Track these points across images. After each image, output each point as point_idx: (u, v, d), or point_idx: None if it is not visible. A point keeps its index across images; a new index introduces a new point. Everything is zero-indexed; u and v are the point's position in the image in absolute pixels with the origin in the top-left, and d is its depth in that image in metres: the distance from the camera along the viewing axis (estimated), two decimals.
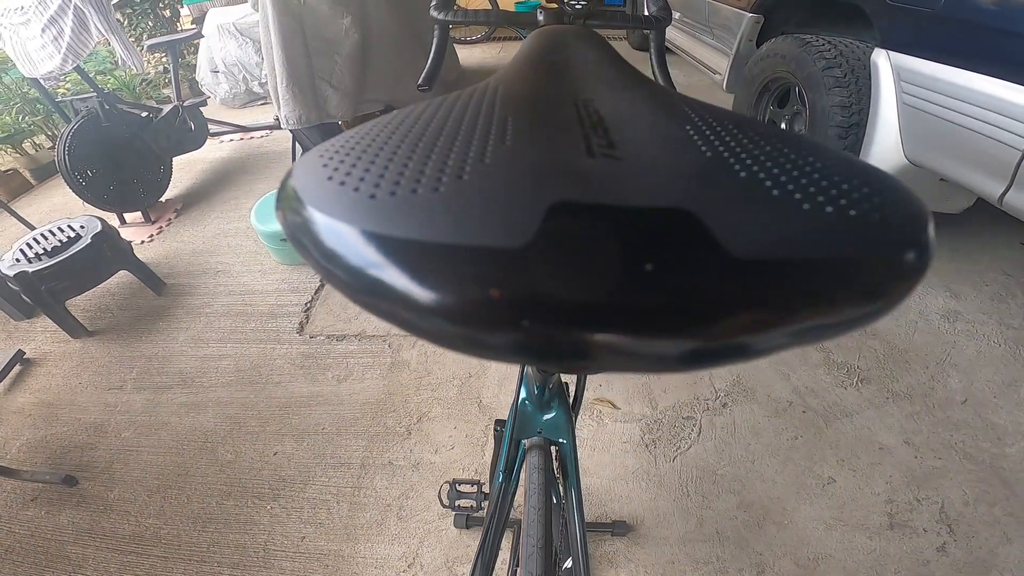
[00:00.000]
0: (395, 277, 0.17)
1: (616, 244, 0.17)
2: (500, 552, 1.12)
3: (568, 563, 0.77)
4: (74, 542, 1.26)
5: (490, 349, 0.17)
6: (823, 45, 1.71)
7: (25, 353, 1.80)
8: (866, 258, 0.18)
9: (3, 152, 3.32)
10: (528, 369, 0.63)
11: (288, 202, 0.21)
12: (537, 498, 0.55)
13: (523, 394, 0.65)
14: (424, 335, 0.18)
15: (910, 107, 1.38)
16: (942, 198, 1.54)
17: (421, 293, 0.17)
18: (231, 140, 3.57)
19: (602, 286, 0.16)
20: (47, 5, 2.15)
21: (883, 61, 1.46)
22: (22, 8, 2.21)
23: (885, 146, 1.45)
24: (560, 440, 0.66)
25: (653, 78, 0.85)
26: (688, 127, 0.25)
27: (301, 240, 0.20)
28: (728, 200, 0.20)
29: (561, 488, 0.73)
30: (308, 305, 1.95)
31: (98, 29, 2.20)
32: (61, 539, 1.27)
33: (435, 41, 0.82)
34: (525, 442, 0.65)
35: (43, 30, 2.18)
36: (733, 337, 0.17)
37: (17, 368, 1.75)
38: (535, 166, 0.22)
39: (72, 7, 2.15)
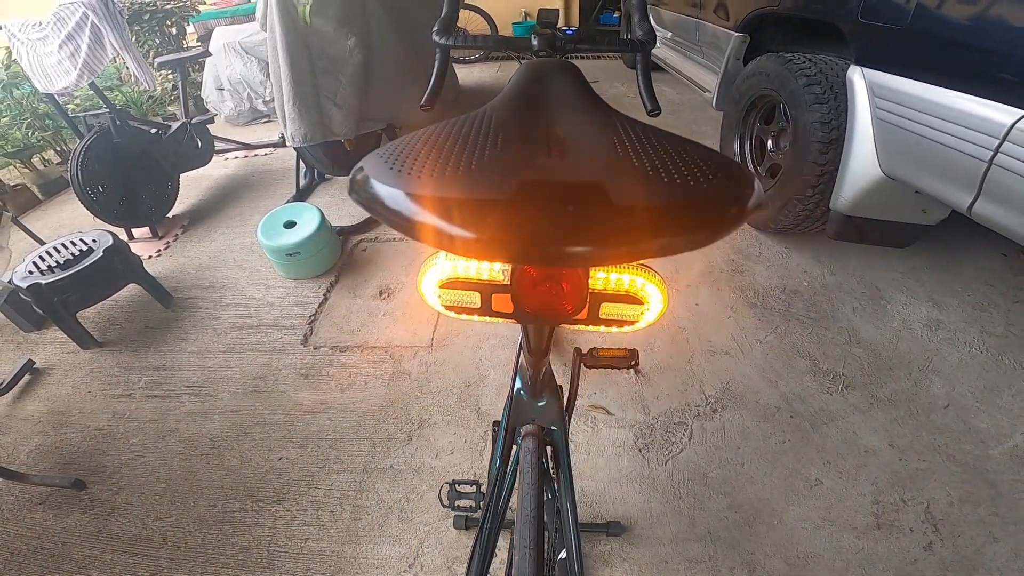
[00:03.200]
0: (433, 219, 0.31)
1: (555, 198, 0.32)
2: (499, 553, 1.16)
3: (563, 554, 0.82)
4: (81, 544, 1.29)
5: (486, 252, 0.31)
6: (804, 63, 1.77)
7: (35, 363, 1.84)
8: (693, 208, 0.32)
9: (12, 167, 3.38)
10: (522, 361, 0.68)
11: (362, 183, 0.35)
12: (531, 475, 0.60)
13: (518, 384, 0.71)
14: (450, 249, 0.31)
15: (884, 122, 1.45)
16: (919, 210, 1.59)
17: (448, 224, 0.31)
18: (235, 157, 3.65)
19: (545, 218, 0.30)
20: (65, 22, 2.23)
21: (858, 78, 1.53)
22: (40, 24, 2.28)
23: (863, 160, 1.51)
24: (552, 427, 0.71)
25: (639, 95, 0.93)
26: (614, 138, 0.38)
27: (373, 206, 0.34)
28: (621, 178, 0.34)
29: (553, 475, 0.78)
30: (312, 318, 1.99)
31: (113, 46, 2.28)
32: (68, 541, 1.30)
33: (436, 64, 0.89)
34: (520, 429, 0.70)
35: (60, 46, 2.25)
36: (612, 247, 0.30)
37: (27, 377, 1.80)
38: (514, 160, 0.36)
39: (89, 24, 2.22)
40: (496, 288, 0.48)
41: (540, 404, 0.71)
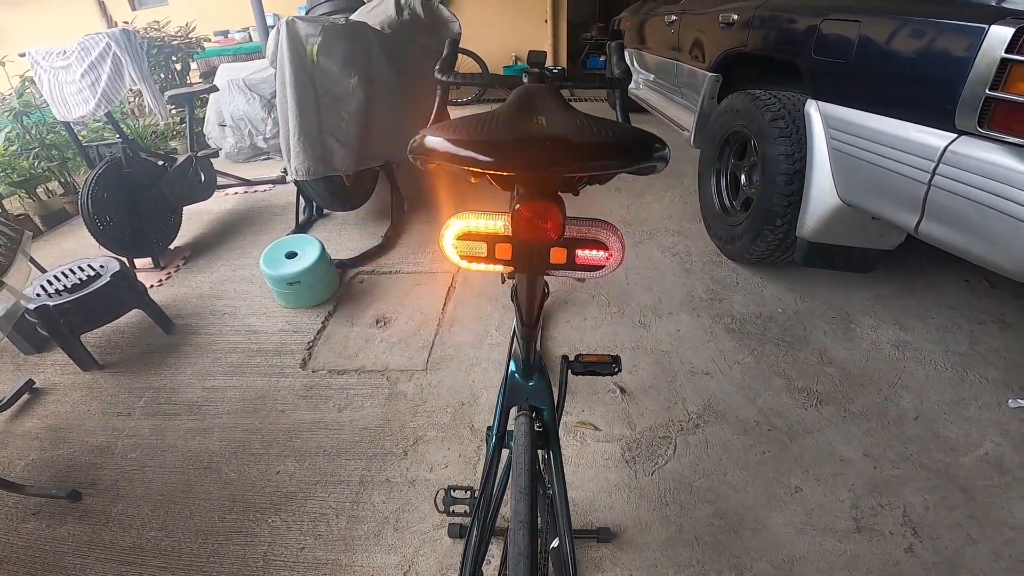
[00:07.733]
0: (468, 151, 0.50)
1: (540, 141, 0.53)
2: (491, 559, 1.20)
3: (555, 543, 0.87)
4: (73, 553, 1.30)
5: (497, 166, 0.49)
6: (769, 99, 1.92)
7: (35, 383, 1.87)
8: (618, 147, 0.52)
9: (17, 196, 3.41)
10: (515, 347, 0.76)
11: (420, 144, 0.53)
12: (524, 440, 0.68)
13: (512, 367, 0.79)
14: (476, 166, 0.50)
15: (838, 151, 1.57)
16: (877, 235, 1.71)
17: (478, 153, 0.50)
18: (236, 193, 3.76)
19: (533, 151, 0.52)
20: (89, 51, 2.34)
21: (814, 110, 1.67)
22: (64, 53, 2.40)
23: (822, 189, 1.64)
24: (542, 408, 0.79)
25: None
26: (577, 120, 0.57)
27: (429, 154, 0.53)
28: (581, 135, 0.54)
29: (543, 457, 0.84)
30: (311, 344, 2.05)
31: (132, 77, 2.40)
32: (59, 550, 1.31)
33: (437, 99, 1.02)
34: (513, 409, 0.77)
35: (82, 75, 2.36)
36: (570, 163, 0.51)
37: (26, 396, 1.82)
38: (514, 127, 0.56)
39: (111, 55, 2.34)
40: (498, 239, 0.62)
41: (531, 384, 0.78)
